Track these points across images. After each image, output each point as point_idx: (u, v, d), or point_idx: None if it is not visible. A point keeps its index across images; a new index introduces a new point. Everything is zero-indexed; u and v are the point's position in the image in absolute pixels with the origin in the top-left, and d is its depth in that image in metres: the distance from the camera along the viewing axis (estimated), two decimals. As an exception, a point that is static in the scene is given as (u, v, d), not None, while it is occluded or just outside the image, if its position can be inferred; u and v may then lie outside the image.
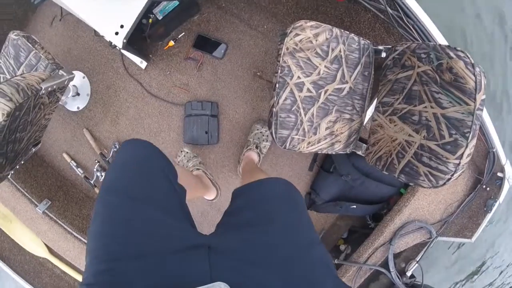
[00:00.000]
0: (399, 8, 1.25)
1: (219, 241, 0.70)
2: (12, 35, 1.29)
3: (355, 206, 1.64)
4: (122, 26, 1.21)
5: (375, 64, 1.23)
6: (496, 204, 1.50)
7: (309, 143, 1.18)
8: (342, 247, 1.74)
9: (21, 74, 1.26)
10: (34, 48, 1.29)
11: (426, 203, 1.52)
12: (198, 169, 1.59)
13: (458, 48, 0.94)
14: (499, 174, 1.49)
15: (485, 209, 1.52)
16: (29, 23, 1.86)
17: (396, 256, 1.61)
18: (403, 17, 1.26)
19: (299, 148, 1.17)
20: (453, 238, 1.60)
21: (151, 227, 0.67)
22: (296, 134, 1.15)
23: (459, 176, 0.96)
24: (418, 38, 1.26)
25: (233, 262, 0.65)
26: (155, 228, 0.68)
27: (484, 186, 1.53)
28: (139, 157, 0.86)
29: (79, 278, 1.83)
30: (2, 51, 1.36)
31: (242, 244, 0.70)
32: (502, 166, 1.45)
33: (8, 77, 1.39)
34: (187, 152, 1.68)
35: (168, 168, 0.89)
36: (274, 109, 1.12)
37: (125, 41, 1.23)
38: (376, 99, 1.25)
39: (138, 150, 0.88)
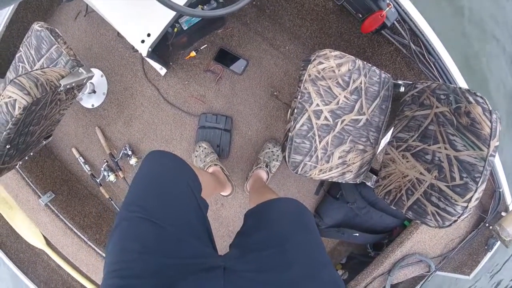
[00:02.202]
0: (422, 45, 1.27)
1: (234, 262, 0.72)
2: (36, 26, 1.28)
3: (357, 234, 1.64)
4: (149, 35, 1.22)
5: (392, 96, 1.25)
6: (498, 244, 1.50)
7: (320, 170, 1.19)
8: (340, 272, 1.75)
9: (41, 68, 1.27)
10: (56, 42, 1.29)
11: (428, 237, 1.52)
12: (216, 164, 1.60)
13: (478, 94, 0.95)
14: (503, 214, 1.48)
15: (486, 247, 1.52)
16: (53, 14, 1.87)
17: (393, 287, 1.61)
18: (425, 54, 1.27)
19: (310, 175, 1.18)
20: (452, 274, 1.59)
21: (171, 248, 0.68)
22: (309, 161, 1.16)
23: (465, 218, 0.97)
24: (438, 76, 1.27)
25: (247, 282, 0.67)
26: (175, 249, 0.68)
27: (487, 225, 1.53)
28: (166, 173, 0.86)
29: (74, 274, 1.83)
30: (24, 40, 1.35)
31: (255, 264, 0.71)
32: (507, 206, 1.46)
33: (27, 67, 1.39)
34: (205, 148, 1.68)
35: (193, 184, 0.89)
36: (290, 133, 1.13)
37: (150, 49, 1.24)
38: (390, 131, 1.26)
39: (165, 164, 0.89)
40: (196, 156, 1.68)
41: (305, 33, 1.74)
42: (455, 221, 0.97)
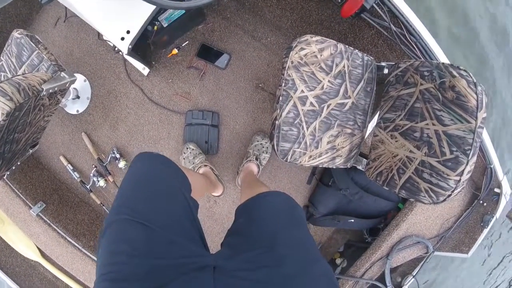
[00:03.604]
0: (402, 26, 1.27)
1: (224, 260, 0.71)
2: (16, 34, 1.27)
3: (353, 220, 1.64)
4: (128, 32, 1.21)
5: (377, 79, 1.25)
6: (493, 220, 1.51)
7: (310, 156, 1.18)
8: (338, 261, 1.74)
9: (22, 74, 1.25)
10: (37, 48, 1.28)
11: (423, 218, 1.53)
12: (205, 165, 1.59)
13: (461, 67, 0.95)
14: (496, 190, 1.50)
15: (481, 224, 1.53)
16: (32, 23, 1.85)
17: (393, 270, 1.61)
18: (406, 34, 1.27)
19: (300, 162, 1.17)
20: (450, 253, 1.60)
21: (161, 249, 0.67)
22: (298, 148, 1.15)
23: (459, 192, 0.97)
24: (420, 56, 1.28)
25: (238, 281, 0.66)
26: (165, 250, 0.67)
27: (481, 202, 1.54)
28: (154, 173, 0.85)
29: (71, 283, 1.81)
30: (4, 49, 1.34)
31: (246, 263, 0.71)
32: (499, 182, 1.47)
33: (9, 75, 1.37)
34: (193, 149, 1.66)
35: (183, 184, 0.89)
36: (276, 121, 1.12)
37: (130, 47, 1.22)
38: (377, 114, 1.26)
39: (153, 165, 0.88)
40: (184, 158, 1.67)
41: (286, 23, 1.74)
42: (449, 195, 0.97)
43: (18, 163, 1.43)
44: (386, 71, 1.22)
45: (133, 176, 0.84)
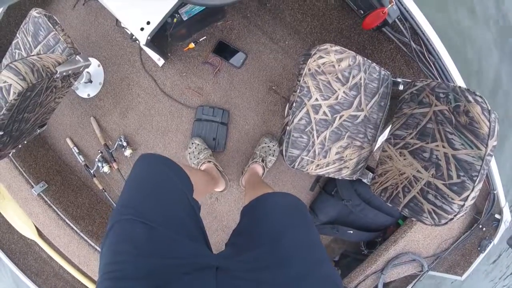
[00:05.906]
0: (422, 44, 1.26)
1: (227, 261, 0.71)
2: (34, 12, 1.27)
3: (352, 232, 1.64)
4: (148, 23, 1.21)
5: (391, 94, 1.24)
6: (490, 245, 1.51)
7: (317, 165, 1.18)
8: (333, 270, 1.74)
9: (37, 54, 1.25)
10: (54, 29, 1.27)
11: (422, 237, 1.53)
12: (209, 161, 1.59)
13: (477, 93, 0.95)
14: (497, 216, 1.50)
15: (479, 248, 1.53)
16: (51, 3, 1.84)
17: (385, 285, 1.61)
18: (425, 53, 1.27)
19: (307, 169, 1.17)
20: (444, 274, 1.60)
21: (164, 248, 0.67)
22: (306, 155, 1.15)
23: (461, 217, 0.97)
24: (437, 76, 1.27)
25: (240, 281, 0.66)
26: (168, 249, 0.68)
27: (480, 226, 1.54)
28: (157, 174, 0.86)
29: (65, 265, 1.82)
30: (21, 27, 1.33)
31: (249, 263, 0.70)
32: (501, 208, 1.47)
33: (24, 54, 1.37)
34: (198, 144, 1.66)
35: (185, 185, 0.89)
36: (288, 127, 1.12)
37: (149, 38, 1.22)
38: (387, 129, 1.26)
39: (156, 166, 0.88)
40: (189, 153, 1.67)
41: (306, 28, 1.73)
42: (451, 219, 0.97)
43: (25, 142, 1.43)
44: (401, 87, 1.21)
45: (136, 177, 0.85)
